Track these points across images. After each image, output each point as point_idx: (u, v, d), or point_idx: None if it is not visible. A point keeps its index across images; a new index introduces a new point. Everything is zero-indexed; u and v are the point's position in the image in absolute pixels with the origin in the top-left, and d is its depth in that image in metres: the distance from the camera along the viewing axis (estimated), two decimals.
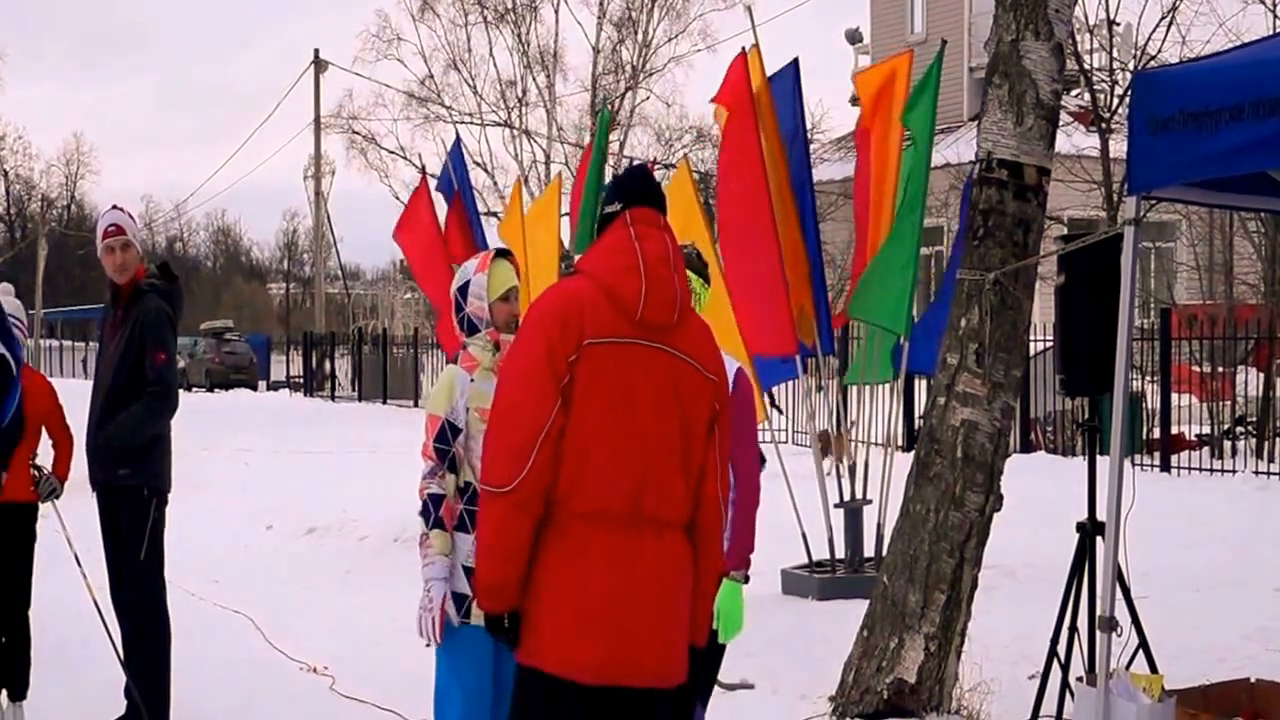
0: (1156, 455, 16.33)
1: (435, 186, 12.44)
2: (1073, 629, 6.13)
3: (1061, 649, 6.12)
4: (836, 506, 10.02)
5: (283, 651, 8.28)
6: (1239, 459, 16.48)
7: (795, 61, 10.22)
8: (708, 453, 4.03)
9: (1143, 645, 6.03)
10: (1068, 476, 12.77)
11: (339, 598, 10.04)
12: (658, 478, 3.90)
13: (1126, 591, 5.87)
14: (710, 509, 4.04)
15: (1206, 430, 17.09)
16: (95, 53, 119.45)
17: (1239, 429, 17.44)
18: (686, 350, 4.00)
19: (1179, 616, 8.38)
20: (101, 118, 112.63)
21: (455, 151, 12.71)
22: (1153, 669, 5.90)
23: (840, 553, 10.00)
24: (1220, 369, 17.46)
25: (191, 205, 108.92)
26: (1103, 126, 18.81)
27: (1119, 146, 15.44)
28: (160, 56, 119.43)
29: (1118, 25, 20.46)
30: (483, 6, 38.16)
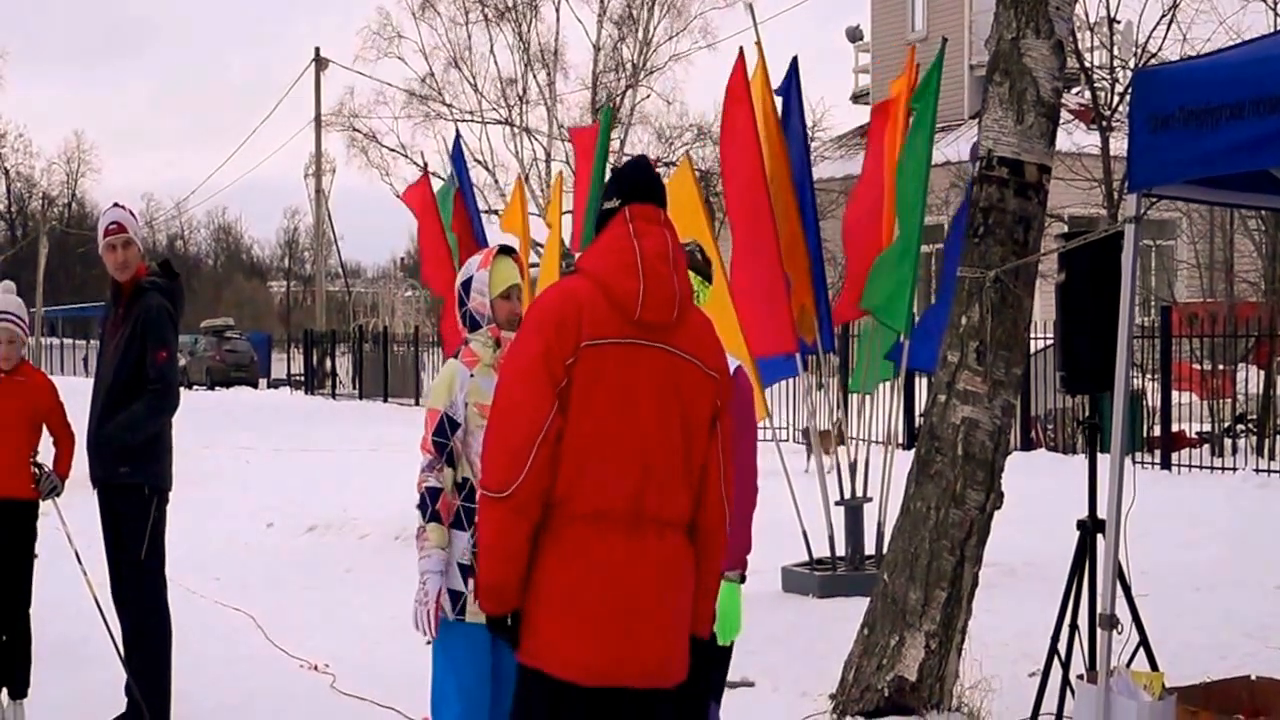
0: (1157, 453, 16.33)
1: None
2: (1073, 627, 6.13)
3: (1062, 647, 6.12)
4: (837, 504, 10.02)
5: (283, 649, 8.29)
6: (1239, 457, 16.47)
7: (795, 60, 10.22)
8: (710, 450, 4.01)
9: (1143, 643, 6.03)
10: (1068, 474, 12.76)
11: (339, 596, 10.04)
12: (659, 478, 3.88)
13: (1127, 589, 5.87)
14: (713, 507, 4.02)
15: (1207, 428, 17.09)
16: (96, 50, 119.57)
17: (1239, 427, 17.43)
18: (687, 348, 3.98)
19: (1180, 614, 8.38)
20: (102, 116, 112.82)
21: (456, 151, 12.75)
22: (1153, 667, 5.90)
23: (841, 550, 10.00)
24: (1221, 367, 17.46)
25: (192, 203, 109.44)
26: (1103, 124, 18.82)
27: (1119, 144, 15.44)
28: (161, 54, 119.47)
29: (1118, 23, 20.49)
30: (483, 4, 38.12)
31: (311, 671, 7.84)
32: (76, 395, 7.12)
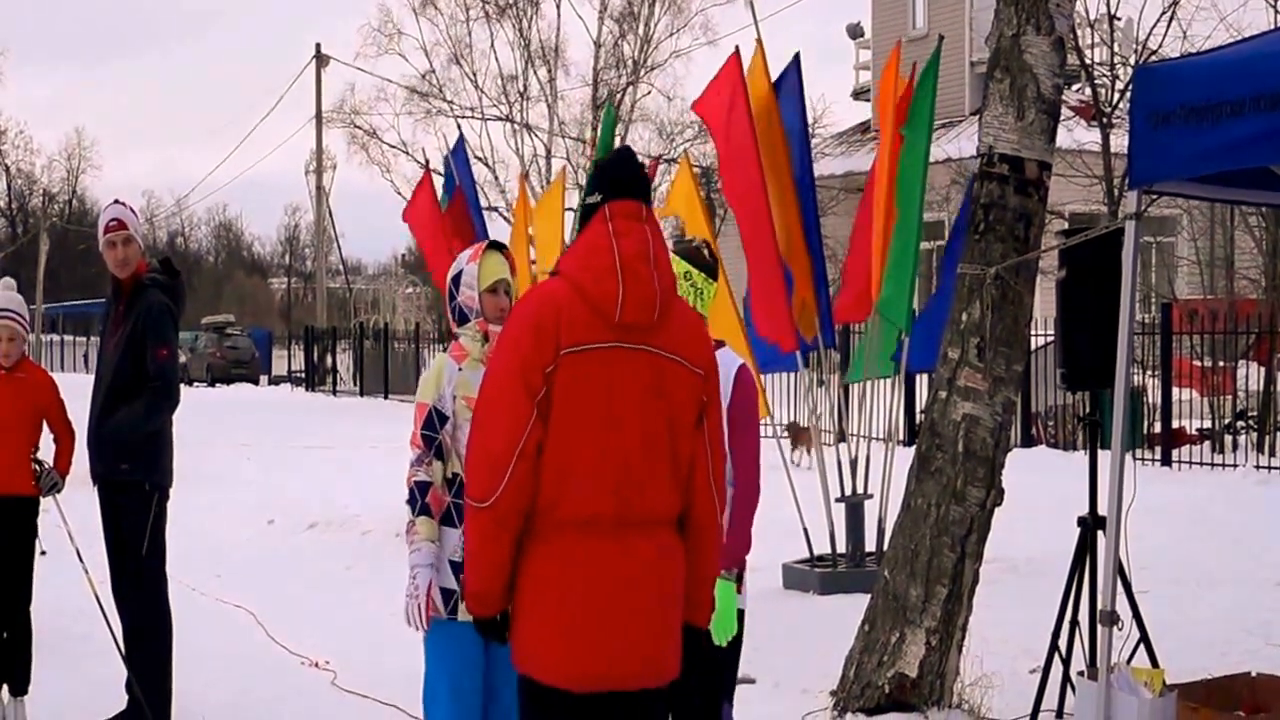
0: (1157, 450, 16.32)
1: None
2: (1074, 623, 6.14)
3: (1063, 643, 6.13)
4: (838, 501, 10.02)
5: (284, 646, 8.29)
6: (1240, 453, 16.46)
7: (797, 56, 10.21)
8: (696, 444, 3.95)
9: (1144, 639, 6.03)
10: (1069, 471, 12.74)
11: (340, 592, 10.05)
12: (643, 479, 3.84)
13: (1128, 586, 5.87)
14: (703, 498, 3.97)
15: (1207, 425, 17.09)
16: (96, 47, 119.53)
17: (1240, 423, 17.43)
18: (670, 347, 3.90)
19: (1180, 611, 8.39)
20: (103, 112, 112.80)
21: (458, 148, 12.75)
22: (1154, 663, 5.90)
23: (841, 547, 10.01)
24: (1221, 363, 17.46)
25: (193, 200, 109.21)
26: (1104, 121, 18.81)
27: (1120, 141, 15.41)
28: (161, 51, 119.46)
29: (1119, 20, 20.46)
30: (484, 1, 38.11)
31: (312, 668, 7.85)
32: (77, 392, 7.12)
